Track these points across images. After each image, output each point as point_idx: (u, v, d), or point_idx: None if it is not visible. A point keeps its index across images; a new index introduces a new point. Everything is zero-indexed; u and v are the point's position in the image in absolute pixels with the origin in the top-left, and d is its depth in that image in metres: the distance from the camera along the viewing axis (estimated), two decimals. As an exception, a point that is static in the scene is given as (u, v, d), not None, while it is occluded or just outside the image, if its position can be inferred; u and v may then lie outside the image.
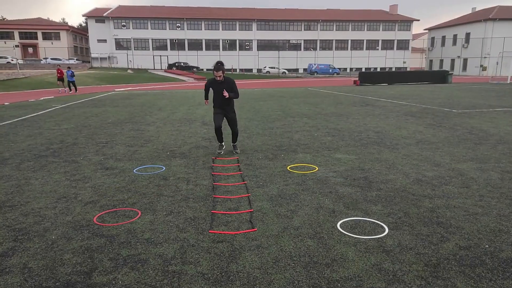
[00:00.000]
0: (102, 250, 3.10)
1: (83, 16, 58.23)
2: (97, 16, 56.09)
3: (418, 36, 77.07)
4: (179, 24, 57.92)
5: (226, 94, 6.01)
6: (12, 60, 47.12)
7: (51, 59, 52.63)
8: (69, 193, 4.54)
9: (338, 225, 3.53)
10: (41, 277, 2.72)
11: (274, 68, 55.77)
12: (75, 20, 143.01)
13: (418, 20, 65.73)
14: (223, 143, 6.59)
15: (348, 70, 61.29)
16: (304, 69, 59.57)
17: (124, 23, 56.39)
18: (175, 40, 58.13)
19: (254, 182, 4.88)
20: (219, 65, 6.00)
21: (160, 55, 56.42)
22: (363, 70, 58.16)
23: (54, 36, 61.12)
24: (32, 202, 4.22)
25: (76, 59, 56.74)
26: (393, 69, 60.49)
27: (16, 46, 55.39)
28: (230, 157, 6.31)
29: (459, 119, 10.30)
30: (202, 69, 55.62)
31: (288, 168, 5.54)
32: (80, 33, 67.99)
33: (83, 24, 77.16)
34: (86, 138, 8.07)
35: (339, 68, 58.35)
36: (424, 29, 69.59)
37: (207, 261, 2.92)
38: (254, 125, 9.62)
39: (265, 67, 57.01)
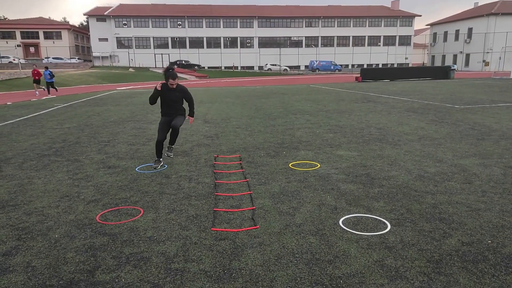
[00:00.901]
0: (105, 249, 3.11)
1: (84, 15, 58.25)
2: (98, 15, 56.11)
3: (420, 32, 76.72)
4: (180, 22, 57.86)
5: (191, 121, 6.11)
6: (14, 59, 47.22)
7: (53, 58, 52.76)
8: (72, 192, 4.55)
9: (340, 222, 3.53)
10: (45, 275, 2.73)
11: (275, 65, 55.68)
12: (76, 19, 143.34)
13: (420, 15, 65.49)
14: (161, 159, 5.68)
15: (349, 67, 61.11)
16: (306, 66, 59.45)
17: (125, 22, 56.39)
18: (176, 38, 58.10)
19: (256, 180, 4.89)
20: (174, 72, 5.63)
21: (162, 53, 56.43)
22: (365, 66, 58.00)
23: (56, 35, 61.22)
24: (35, 201, 4.24)
25: (78, 58, 56.80)
26: (395, 65, 60.26)
27: (18, 45, 55.47)
28: (232, 154, 6.31)
29: (461, 115, 10.26)
30: (204, 67, 55.60)
31: (290, 165, 5.54)
32: (81, 32, 68.04)
33: (84, 23, 77.20)
34: (88, 137, 8.09)
35: (341, 65, 58.20)
36: (426, 25, 69.31)
37: (209, 258, 2.93)
38: (256, 123, 9.61)
39: (266, 64, 56.93)
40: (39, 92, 21.41)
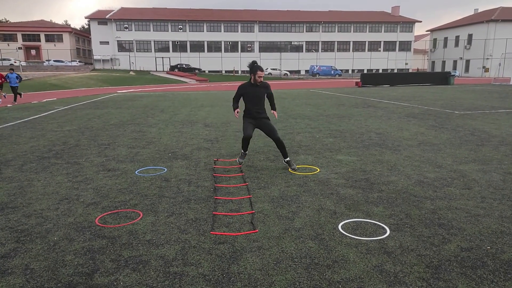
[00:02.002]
0: (104, 252, 3.11)
1: (86, 18, 58.50)
2: (99, 18, 56.34)
3: (420, 38, 77.00)
4: (181, 26, 58.09)
5: (275, 114, 5.83)
6: (15, 62, 47.32)
7: (54, 61, 52.86)
8: (71, 194, 4.55)
9: (339, 227, 3.53)
10: (43, 278, 2.73)
11: (276, 69, 55.82)
12: (78, 22, 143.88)
13: (420, 21, 65.78)
14: (246, 152, 5.84)
15: (350, 72, 61.28)
16: (306, 71, 59.60)
17: (127, 25, 56.61)
18: (177, 42, 58.29)
19: (255, 184, 4.89)
20: (259, 65, 5.46)
21: (162, 57, 56.58)
22: (365, 71, 58.13)
23: (57, 38, 61.43)
24: (34, 204, 4.24)
25: (79, 61, 56.96)
26: (395, 71, 60.43)
27: (19, 48, 55.70)
28: (231, 158, 6.31)
29: (461, 121, 10.28)
30: (204, 71, 55.73)
31: (289, 169, 5.54)
32: (82, 35, 68.28)
33: (86, 26, 77.50)
34: (88, 140, 8.10)
35: (341, 70, 58.34)
36: (426, 31, 69.58)
37: (208, 262, 2.92)
38: (256, 127, 9.61)
39: (267, 68, 57.04)
40: (2, 99, 18.22)
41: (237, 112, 5.60)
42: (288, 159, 5.60)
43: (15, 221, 3.77)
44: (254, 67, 5.38)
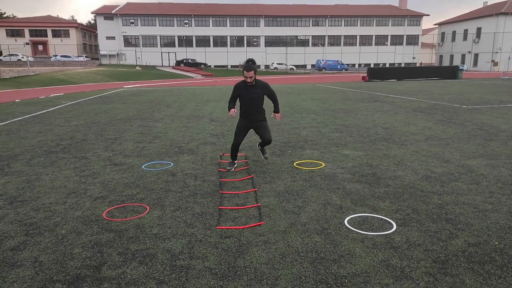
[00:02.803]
0: (111, 245, 3.14)
1: (92, 13, 58.63)
2: (105, 13, 56.43)
3: (428, 31, 76.12)
4: (187, 21, 58.00)
5: (278, 117, 5.41)
6: (23, 57, 47.65)
7: (61, 56, 53.13)
8: (79, 188, 4.59)
9: (345, 221, 3.53)
10: (52, 270, 2.76)
11: (282, 64, 55.61)
12: (84, 17, 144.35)
13: (428, 15, 64.99)
14: (235, 162, 5.41)
15: (356, 66, 60.85)
16: (312, 65, 59.29)
17: (133, 20, 56.66)
18: (183, 37, 58.26)
19: (261, 178, 4.89)
20: (249, 64, 4.84)
21: (168, 52, 56.63)
22: (372, 66, 57.68)
23: (64, 34, 61.65)
24: (42, 197, 4.29)
25: (85, 56, 57.18)
26: (402, 65, 59.88)
27: (27, 43, 55.97)
28: (237, 153, 6.31)
29: (469, 115, 10.17)
30: (210, 66, 55.68)
31: (295, 164, 5.53)
32: (89, 31, 68.47)
33: (92, 22, 77.68)
34: (95, 135, 8.15)
35: (348, 64, 57.95)
36: (434, 24, 68.74)
37: (214, 256, 2.94)
38: (262, 122, 9.60)
39: (272, 63, 56.88)
40: None
41: (233, 111, 5.08)
42: (264, 148, 5.52)
43: (23, 214, 3.82)
44: (244, 66, 4.87)
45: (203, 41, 58.81)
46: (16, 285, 2.59)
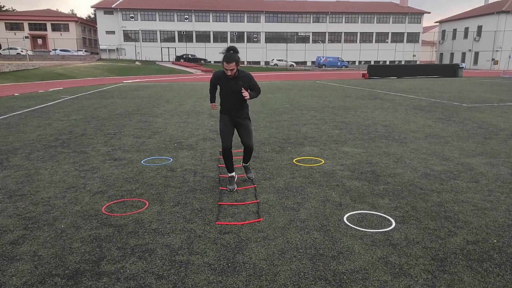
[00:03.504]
0: (110, 240, 3.14)
1: (92, 7, 58.33)
2: (105, 7, 56.15)
3: (429, 29, 75.95)
4: (187, 16, 57.77)
5: (246, 94, 4.06)
6: (22, 51, 47.44)
7: (60, 50, 52.93)
8: (78, 183, 4.59)
9: (344, 218, 3.53)
10: (51, 264, 2.76)
11: (282, 60, 55.47)
12: (84, 11, 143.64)
13: (429, 12, 64.80)
14: (234, 174, 4.45)
15: (356, 63, 60.73)
16: (312, 62, 59.17)
17: (133, 15, 56.42)
18: (183, 32, 58.04)
19: (261, 175, 4.89)
20: (230, 54, 4.04)
21: (168, 47, 56.42)
22: (372, 63, 57.59)
23: (63, 28, 61.38)
24: (41, 192, 4.28)
25: (85, 51, 56.97)
26: (403, 63, 59.81)
27: (26, 37, 55.76)
28: (237, 149, 6.31)
29: (469, 113, 10.17)
30: (210, 61, 55.52)
31: (294, 161, 5.53)
32: (88, 25, 68.16)
33: (92, 16, 77.36)
34: (94, 129, 8.14)
35: (348, 61, 57.84)
36: (435, 22, 68.59)
37: (213, 251, 2.94)
38: (261, 118, 9.60)
39: (273, 59, 56.74)
40: None
41: (214, 106, 4.62)
42: (247, 165, 4.62)
43: (23, 208, 3.81)
44: (224, 56, 4.07)
45: (203, 37, 58.61)
46: (15, 278, 2.59)
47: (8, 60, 37.45)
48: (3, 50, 50.22)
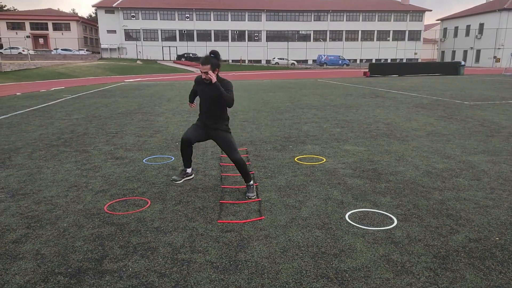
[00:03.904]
0: (113, 238, 3.15)
1: (93, 6, 58.34)
2: (106, 6, 56.16)
3: (430, 27, 75.72)
4: (188, 15, 57.75)
5: (212, 76, 3.73)
6: (24, 50, 47.53)
7: (62, 49, 52.98)
8: (80, 182, 4.60)
9: (346, 216, 3.53)
10: (53, 263, 2.77)
11: (283, 59, 55.40)
12: (85, 10, 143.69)
13: (431, 10, 64.75)
14: (187, 170, 4.20)
15: (358, 62, 60.62)
16: (314, 60, 59.07)
17: (134, 14, 56.42)
18: (184, 31, 58.02)
19: (262, 173, 4.89)
20: (207, 56, 3.86)
21: (169, 46, 56.40)
22: (373, 61, 57.46)
23: (65, 27, 61.42)
24: (44, 191, 4.30)
25: (86, 50, 57.03)
26: (404, 61, 59.65)
27: (27, 36, 55.81)
28: (238, 148, 6.31)
29: (470, 111, 10.15)
30: (211, 60, 55.39)
31: (296, 159, 5.53)
32: (90, 24, 68.20)
33: (93, 15, 77.39)
34: (96, 128, 8.15)
35: (349, 59, 57.73)
36: (437, 20, 68.34)
37: (215, 250, 2.95)
38: (263, 116, 9.60)
39: (274, 58, 56.67)
40: None
41: (192, 105, 4.42)
42: (250, 184, 4.11)
43: (25, 207, 3.83)
44: (201, 58, 3.88)
45: (204, 35, 58.57)
46: (18, 277, 2.60)
47: (10, 60, 37.48)
48: (5, 49, 50.31)
